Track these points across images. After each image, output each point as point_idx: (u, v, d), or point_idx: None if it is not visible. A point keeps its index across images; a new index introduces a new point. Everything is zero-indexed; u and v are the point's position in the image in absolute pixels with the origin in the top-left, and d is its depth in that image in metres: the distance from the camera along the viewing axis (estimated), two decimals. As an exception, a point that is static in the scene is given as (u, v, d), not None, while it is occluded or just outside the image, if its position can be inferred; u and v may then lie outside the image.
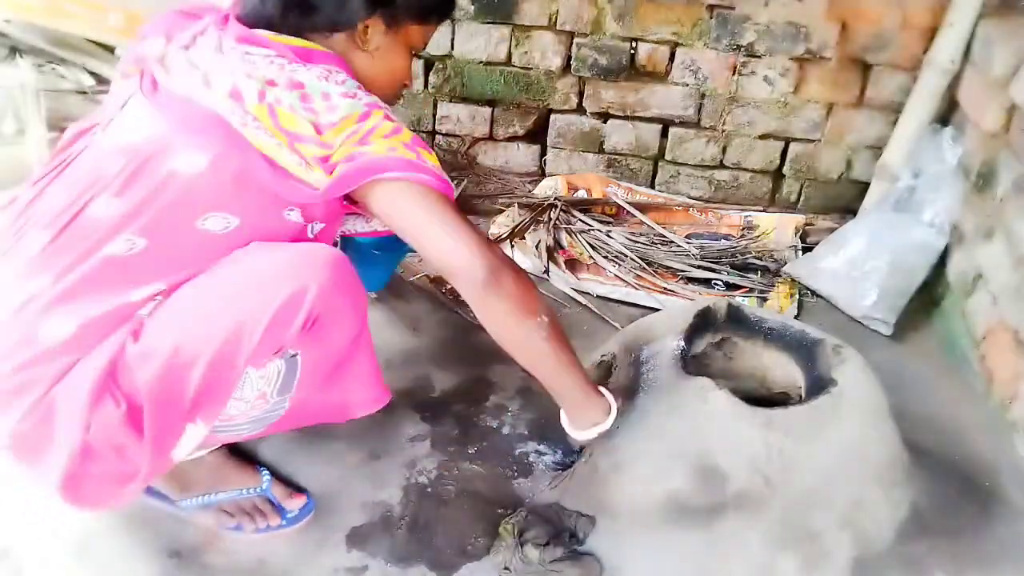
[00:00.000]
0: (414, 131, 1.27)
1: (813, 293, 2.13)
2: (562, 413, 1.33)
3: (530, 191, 2.44)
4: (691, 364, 1.45)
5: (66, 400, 1.04)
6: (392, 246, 1.64)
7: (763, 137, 2.41)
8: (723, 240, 2.29)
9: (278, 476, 1.41)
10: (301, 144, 1.08)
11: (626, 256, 2.15)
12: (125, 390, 1.04)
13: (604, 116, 2.45)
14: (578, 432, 1.32)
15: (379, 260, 1.67)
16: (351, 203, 1.20)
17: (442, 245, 1.11)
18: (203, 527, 1.33)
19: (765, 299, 2.08)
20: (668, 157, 2.48)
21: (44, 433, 1.05)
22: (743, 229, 2.36)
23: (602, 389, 1.33)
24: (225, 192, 1.10)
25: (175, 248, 1.10)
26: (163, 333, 1.05)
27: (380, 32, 1.22)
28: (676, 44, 2.31)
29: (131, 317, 1.08)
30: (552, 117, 2.47)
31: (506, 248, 2.13)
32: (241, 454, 1.42)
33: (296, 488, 1.40)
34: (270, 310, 1.03)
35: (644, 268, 2.12)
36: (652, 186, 2.53)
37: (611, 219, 2.32)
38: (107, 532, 1.32)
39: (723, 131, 2.41)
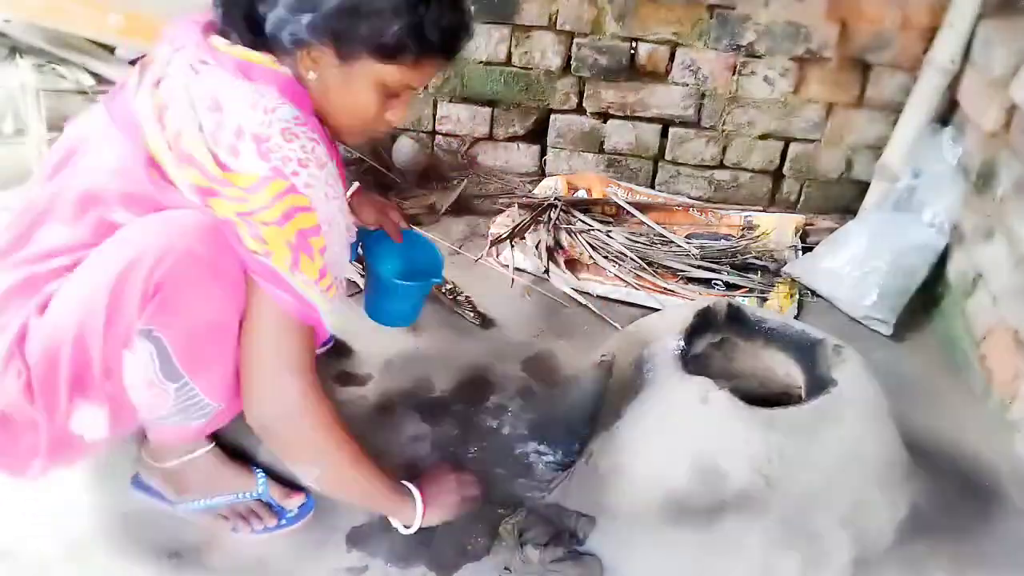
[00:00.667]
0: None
1: (813, 293, 2.13)
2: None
3: (530, 191, 2.44)
4: (691, 364, 1.45)
5: None
6: (417, 275, 1.59)
7: (763, 137, 2.41)
8: (723, 240, 2.29)
9: (276, 476, 1.41)
10: (190, 167, 1.05)
11: (626, 256, 2.15)
12: (26, 361, 1.05)
13: (604, 116, 2.45)
14: (406, 526, 1.32)
15: (403, 292, 1.60)
16: None
17: (254, 375, 1.13)
18: (203, 527, 1.34)
19: (765, 299, 2.08)
20: (668, 157, 2.48)
21: None
22: (743, 229, 2.36)
23: (405, 484, 1.31)
24: (129, 193, 1.09)
25: (91, 238, 1.10)
26: (54, 307, 1.06)
27: (332, 65, 1.10)
28: (676, 44, 2.31)
29: (39, 290, 1.08)
30: (552, 117, 2.47)
31: (506, 248, 2.13)
32: (237, 455, 1.42)
33: (295, 487, 1.40)
34: (108, 282, 1.01)
35: (644, 268, 2.12)
36: (652, 186, 2.53)
37: (611, 219, 2.32)
38: (107, 532, 1.32)
39: (723, 131, 2.41)
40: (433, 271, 1.61)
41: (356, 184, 1.58)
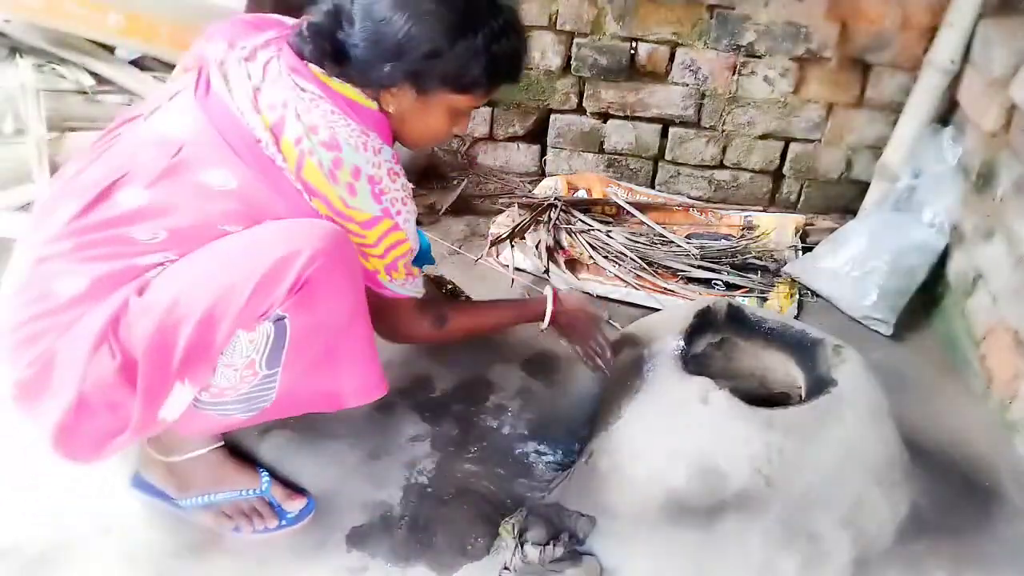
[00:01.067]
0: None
1: (813, 293, 2.13)
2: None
3: (530, 191, 2.44)
4: (691, 364, 1.45)
5: (67, 351, 1.08)
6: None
7: (763, 137, 2.41)
8: (723, 240, 2.29)
9: (278, 477, 1.41)
10: (316, 199, 1.16)
11: (626, 256, 2.15)
12: (123, 343, 1.07)
13: (604, 116, 2.45)
14: (545, 322, 1.55)
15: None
16: None
17: (400, 334, 1.40)
18: (204, 527, 1.33)
19: (765, 299, 2.08)
20: (668, 157, 2.48)
21: (44, 383, 1.09)
22: (743, 229, 2.36)
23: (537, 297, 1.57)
24: (248, 213, 1.15)
25: (194, 241, 1.14)
26: (164, 290, 1.08)
27: (410, 98, 1.22)
28: (676, 44, 2.31)
29: (139, 276, 1.11)
30: (552, 117, 2.47)
31: (506, 248, 2.13)
32: (241, 455, 1.42)
33: (297, 489, 1.40)
34: (261, 268, 1.06)
35: (644, 268, 2.12)
36: (652, 186, 2.53)
37: (611, 219, 2.32)
38: (108, 532, 1.32)
39: (723, 131, 2.41)
40: (423, 256, 1.63)
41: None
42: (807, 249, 2.25)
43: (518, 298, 1.57)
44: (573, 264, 2.15)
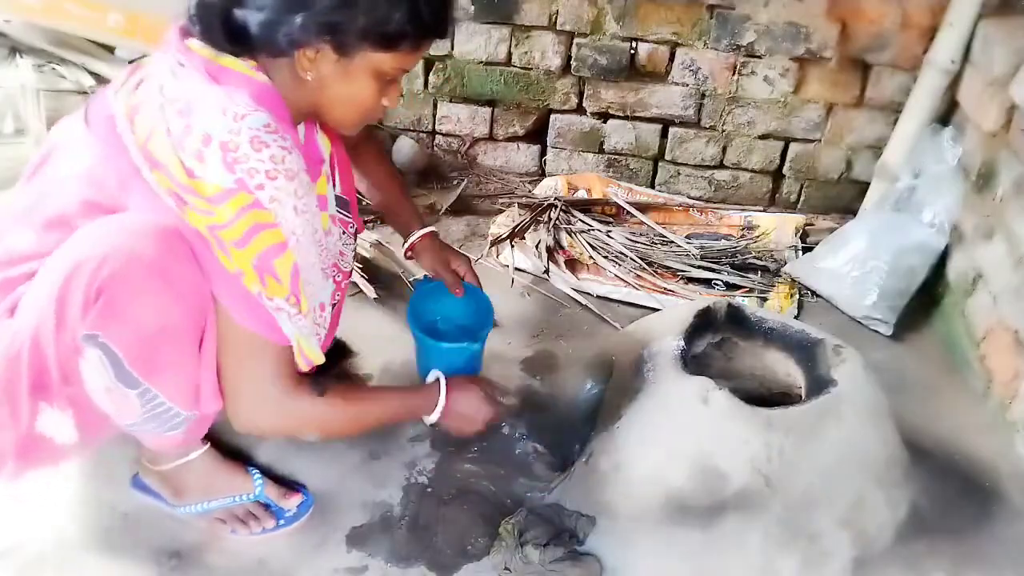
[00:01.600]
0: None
1: (813, 293, 2.13)
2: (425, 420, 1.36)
3: (530, 191, 2.44)
4: (691, 364, 1.45)
5: None
6: (466, 336, 1.53)
7: (763, 137, 2.41)
8: (723, 240, 2.29)
9: (273, 476, 1.41)
10: (156, 172, 1.04)
11: (626, 256, 2.15)
12: None
13: (604, 116, 2.45)
14: (431, 419, 1.35)
15: (447, 354, 1.50)
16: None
17: (231, 393, 1.15)
18: (202, 528, 1.34)
19: (765, 299, 2.08)
20: (668, 157, 2.48)
21: None
22: (743, 229, 2.36)
23: (428, 384, 1.37)
24: (99, 198, 1.09)
25: (57, 239, 1.08)
26: (16, 313, 1.06)
27: (330, 60, 1.08)
28: (676, 44, 2.31)
29: (13, 290, 1.08)
30: (552, 117, 2.47)
31: (506, 248, 2.13)
32: (234, 456, 1.41)
33: (293, 485, 1.40)
34: (55, 286, 1.00)
35: (644, 268, 2.12)
36: (652, 186, 2.53)
37: (611, 219, 2.32)
38: (107, 532, 1.32)
39: (723, 131, 2.41)
40: (479, 329, 1.54)
41: (428, 228, 1.57)
42: (807, 249, 2.25)
43: (406, 387, 1.39)
44: (573, 264, 2.15)
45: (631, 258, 2.14)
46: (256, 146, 1.01)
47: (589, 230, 2.22)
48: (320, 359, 1.19)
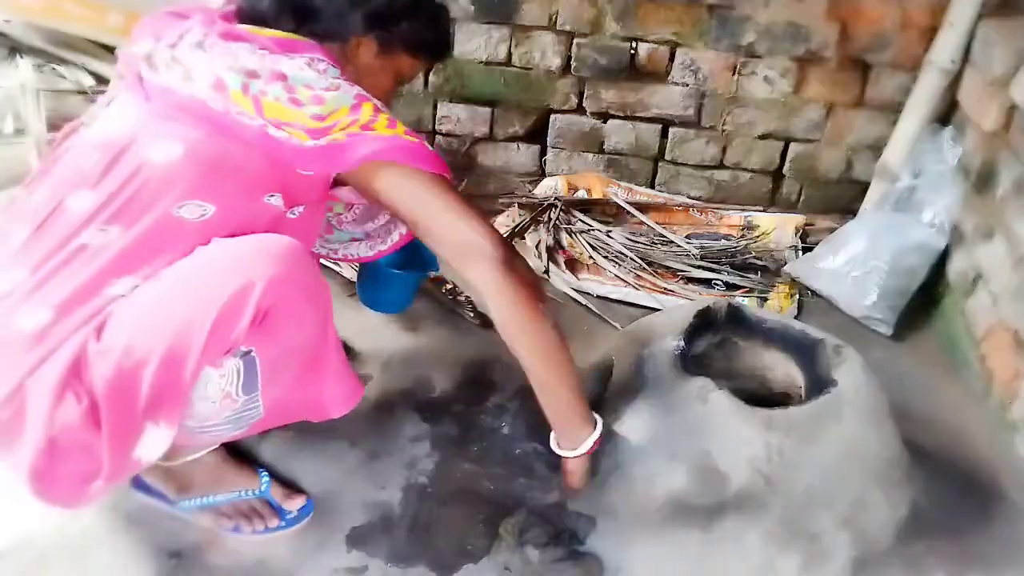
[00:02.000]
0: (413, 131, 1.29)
1: (813, 293, 2.13)
2: (552, 420, 1.31)
3: (530, 191, 2.44)
4: (691, 364, 1.45)
5: (35, 393, 1.03)
6: (411, 265, 1.66)
7: (763, 137, 2.41)
8: (723, 240, 2.29)
9: (278, 477, 1.41)
10: (289, 127, 1.10)
11: (626, 256, 2.15)
12: (87, 386, 1.03)
13: (604, 116, 2.45)
14: (564, 447, 1.32)
15: (398, 280, 1.68)
16: (337, 184, 1.24)
17: (460, 231, 1.16)
18: (203, 527, 1.34)
19: (765, 299, 2.08)
20: (668, 157, 2.48)
21: (17, 425, 1.04)
22: (743, 229, 2.36)
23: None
24: (201, 179, 1.10)
25: (149, 237, 1.09)
26: (119, 331, 1.04)
27: (371, 52, 1.28)
28: (676, 44, 2.31)
29: (99, 294, 1.07)
30: (552, 117, 2.47)
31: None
32: (240, 454, 1.42)
33: (297, 489, 1.40)
34: (216, 307, 1.01)
35: (644, 268, 2.12)
36: (652, 186, 2.53)
37: (611, 219, 2.32)
38: (107, 532, 1.32)
39: (723, 131, 2.41)
40: (428, 261, 1.69)
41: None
42: (807, 249, 2.25)
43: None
44: (573, 264, 2.15)
45: (631, 258, 2.14)
46: (345, 86, 1.15)
47: (589, 230, 2.22)
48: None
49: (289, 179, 1.14)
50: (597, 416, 1.32)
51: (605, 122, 2.46)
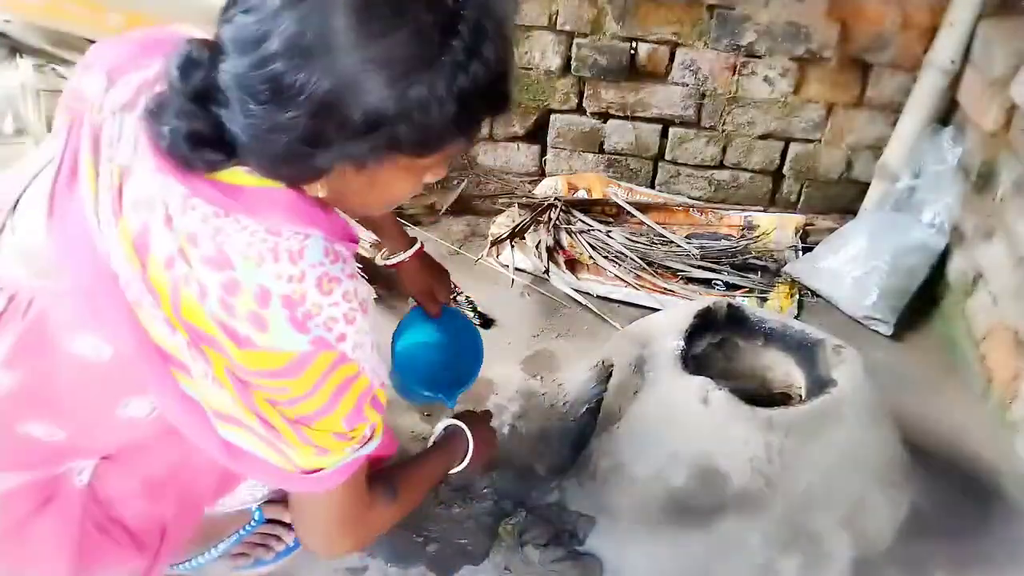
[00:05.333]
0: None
1: (813, 293, 2.13)
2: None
3: (530, 191, 2.44)
4: (691, 364, 1.45)
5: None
6: (450, 357, 1.44)
7: (763, 137, 2.40)
8: (723, 240, 2.29)
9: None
10: (207, 347, 0.80)
11: (626, 256, 2.15)
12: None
13: (604, 116, 2.45)
14: (463, 466, 1.24)
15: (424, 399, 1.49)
16: None
17: (310, 536, 1.00)
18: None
19: (765, 299, 2.08)
20: (668, 157, 2.48)
21: None
22: (743, 229, 2.36)
23: (446, 427, 1.26)
24: (139, 378, 0.84)
25: (99, 435, 0.94)
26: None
27: (350, 175, 0.81)
28: (676, 44, 2.31)
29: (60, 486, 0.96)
30: (552, 117, 2.47)
31: (506, 248, 2.13)
32: None
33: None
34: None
35: (644, 268, 2.12)
36: (652, 186, 2.53)
37: (611, 219, 2.32)
38: (107, 532, 1.32)
39: (723, 131, 2.41)
40: (467, 363, 1.44)
41: (416, 246, 1.39)
42: (807, 249, 2.25)
43: (436, 447, 1.24)
44: (573, 264, 2.15)
45: (631, 258, 2.14)
46: (325, 288, 0.81)
47: (589, 230, 2.22)
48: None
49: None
50: (466, 433, 1.24)
51: (605, 122, 2.46)
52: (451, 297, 1.49)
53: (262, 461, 0.85)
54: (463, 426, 1.25)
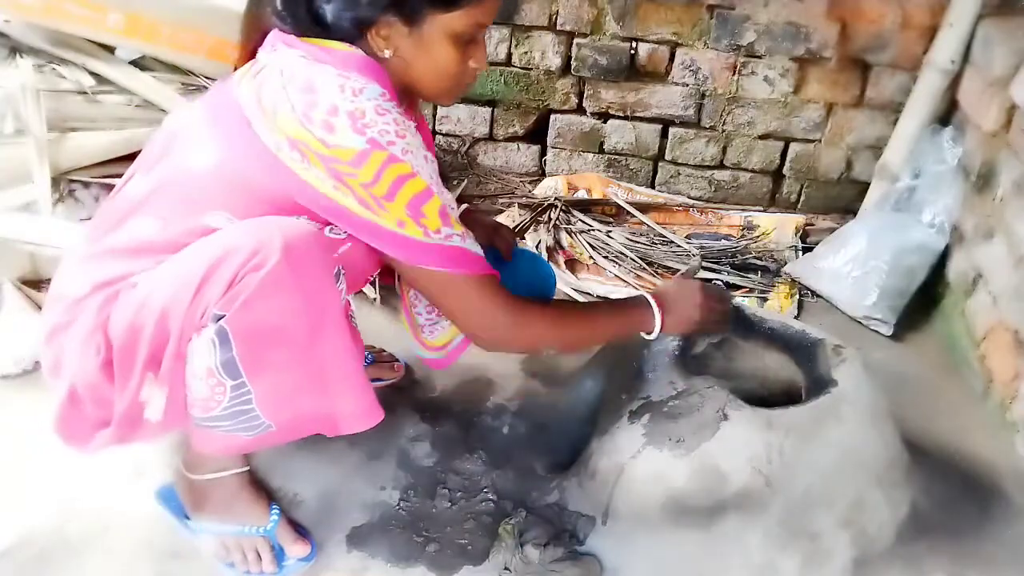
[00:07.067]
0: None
1: (813, 293, 2.13)
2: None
3: (530, 191, 2.45)
4: (691, 364, 1.45)
5: (68, 346, 1.13)
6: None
7: (763, 137, 2.41)
8: (723, 240, 2.29)
9: (290, 519, 1.36)
10: (296, 150, 1.08)
11: (626, 256, 2.15)
12: (108, 340, 1.10)
13: (604, 116, 2.45)
14: (657, 328, 1.30)
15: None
16: None
17: (473, 324, 1.21)
18: (205, 551, 1.31)
19: (765, 299, 2.08)
20: (668, 157, 2.48)
21: (57, 375, 1.16)
22: (743, 229, 2.36)
23: (640, 295, 1.32)
24: (229, 193, 1.12)
25: (183, 239, 1.12)
26: (142, 288, 1.10)
27: (402, 34, 1.12)
28: (676, 44, 2.31)
29: (126, 280, 1.14)
30: (552, 117, 2.47)
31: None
32: (259, 487, 1.39)
33: (305, 533, 1.35)
34: (204, 265, 1.05)
35: (644, 268, 2.12)
36: (652, 186, 2.53)
37: (611, 219, 2.32)
38: (108, 532, 1.32)
39: (723, 131, 2.41)
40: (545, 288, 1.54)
41: (464, 206, 1.57)
42: (807, 249, 2.25)
43: (618, 301, 1.36)
44: (573, 264, 2.15)
45: (631, 258, 2.15)
46: (380, 112, 1.07)
47: (589, 230, 2.23)
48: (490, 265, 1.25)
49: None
50: (648, 297, 1.30)
51: (605, 122, 2.46)
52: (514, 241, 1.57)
53: (358, 218, 1.10)
54: (648, 296, 1.30)
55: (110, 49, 1.95)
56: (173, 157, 1.17)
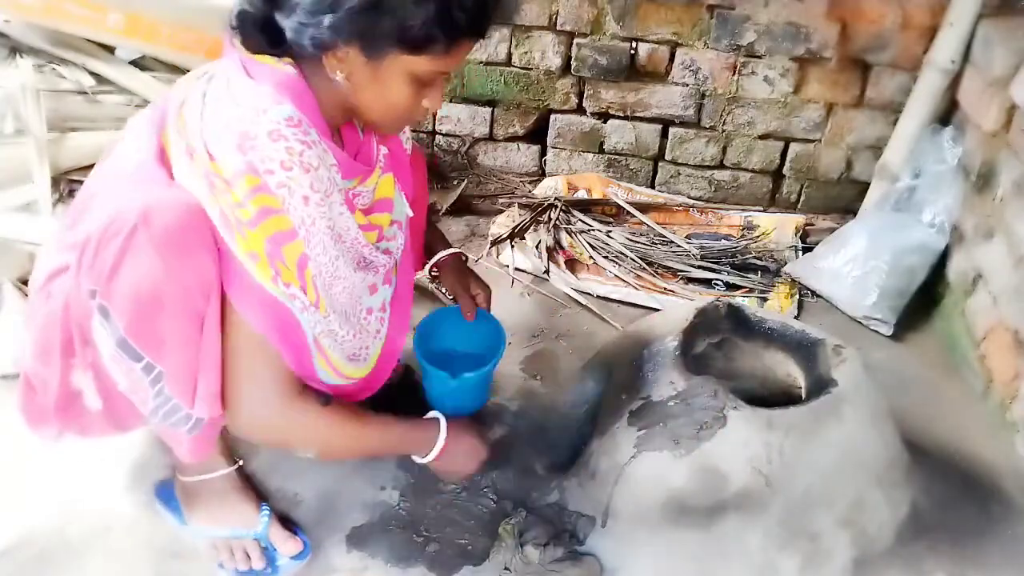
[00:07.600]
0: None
1: (813, 293, 2.13)
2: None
3: (530, 191, 2.44)
4: (691, 364, 1.45)
5: (26, 332, 1.17)
6: (475, 364, 1.44)
7: (763, 137, 2.41)
8: (723, 240, 2.29)
9: (282, 517, 1.37)
10: (196, 153, 1.07)
11: (626, 256, 2.15)
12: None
13: (604, 116, 2.45)
14: (428, 459, 1.32)
15: (464, 387, 1.44)
16: None
17: (236, 393, 1.13)
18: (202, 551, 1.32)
19: (765, 299, 2.08)
20: (668, 157, 2.48)
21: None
22: (743, 229, 2.36)
23: (427, 419, 1.34)
24: (147, 190, 1.11)
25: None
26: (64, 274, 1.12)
27: (359, 62, 1.05)
28: (676, 44, 2.31)
29: None
30: (552, 117, 2.47)
31: (506, 248, 2.13)
32: (250, 487, 1.39)
33: (296, 531, 1.36)
34: (81, 244, 1.04)
35: (644, 268, 2.12)
36: (652, 186, 2.53)
37: (611, 219, 2.32)
38: (108, 532, 1.32)
39: (723, 131, 2.41)
40: (489, 356, 1.46)
41: (454, 250, 1.53)
42: (807, 249, 2.25)
43: (408, 420, 1.33)
44: (573, 264, 2.15)
45: (631, 258, 2.14)
46: (273, 138, 1.03)
47: (589, 230, 2.23)
48: (357, 374, 1.23)
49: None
50: (440, 419, 1.32)
51: (605, 122, 2.46)
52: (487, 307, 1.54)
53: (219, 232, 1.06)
54: (441, 420, 1.32)
55: (110, 49, 1.95)
56: (116, 152, 1.18)
